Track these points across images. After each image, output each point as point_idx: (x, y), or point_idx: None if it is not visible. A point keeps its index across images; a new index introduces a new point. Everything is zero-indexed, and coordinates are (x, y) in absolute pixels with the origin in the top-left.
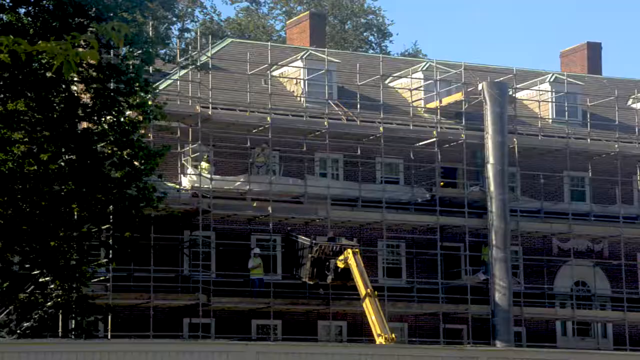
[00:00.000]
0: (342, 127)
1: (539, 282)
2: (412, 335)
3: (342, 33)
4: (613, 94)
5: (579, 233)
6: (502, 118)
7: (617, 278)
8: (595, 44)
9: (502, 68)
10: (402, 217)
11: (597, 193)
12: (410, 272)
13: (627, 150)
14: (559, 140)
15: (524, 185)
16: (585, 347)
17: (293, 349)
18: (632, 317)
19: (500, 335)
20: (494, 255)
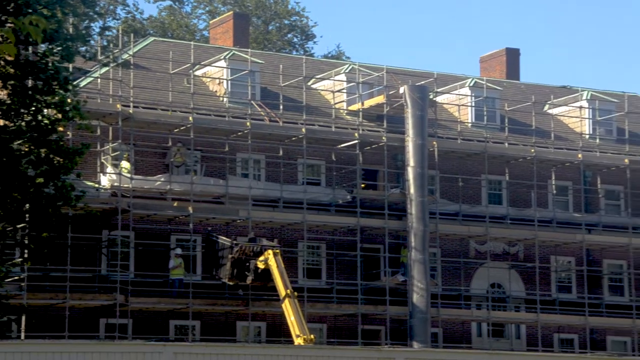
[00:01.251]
0: (264, 128)
1: (456, 284)
2: (330, 336)
3: (265, 34)
4: (530, 100)
5: (495, 236)
6: (423, 121)
7: (531, 280)
8: (514, 50)
9: (423, 72)
10: (322, 218)
11: (514, 196)
12: (330, 273)
13: (542, 155)
14: (478, 144)
15: (443, 188)
16: (500, 347)
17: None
18: (545, 318)
19: (417, 336)
20: (412, 257)
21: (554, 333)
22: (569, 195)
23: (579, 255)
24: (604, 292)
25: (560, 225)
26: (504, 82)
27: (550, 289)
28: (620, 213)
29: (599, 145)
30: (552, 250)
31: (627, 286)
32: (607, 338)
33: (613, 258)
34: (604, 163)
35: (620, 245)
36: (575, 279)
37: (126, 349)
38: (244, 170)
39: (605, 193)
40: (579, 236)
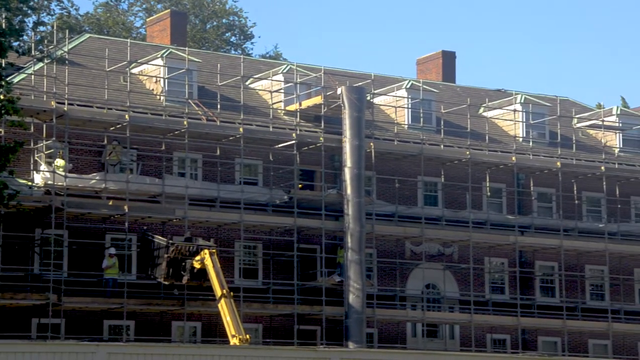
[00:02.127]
0: (201, 127)
1: (392, 285)
2: (266, 336)
3: (203, 33)
4: (465, 102)
5: (430, 237)
6: (360, 122)
7: (466, 281)
8: (450, 53)
9: (361, 73)
10: (260, 218)
11: (449, 198)
12: (267, 273)
13: (477, 157)
14: (414, 146)
15: (380, 189)
16: (434, 348)
17: (145, 349)
18: (478, 319)
19: (352, 336)
20: (349, 258)
21: (486, 333)
22: (502, 197)
23: (512, 257)
24: (536, 293)
25: (494, 227)
26: (440, 84)
27: (483, 290)
28: (552, 215)
29: (532, 149)
30: (485, 251)
31: (558, 287)
32: (539, 338)
33: (545, 260)
34: (537, 166)
35: (551, 247)
36: (508, 280)
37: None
38: (181, 170)
39: (537, 195)
40: (512, 238)
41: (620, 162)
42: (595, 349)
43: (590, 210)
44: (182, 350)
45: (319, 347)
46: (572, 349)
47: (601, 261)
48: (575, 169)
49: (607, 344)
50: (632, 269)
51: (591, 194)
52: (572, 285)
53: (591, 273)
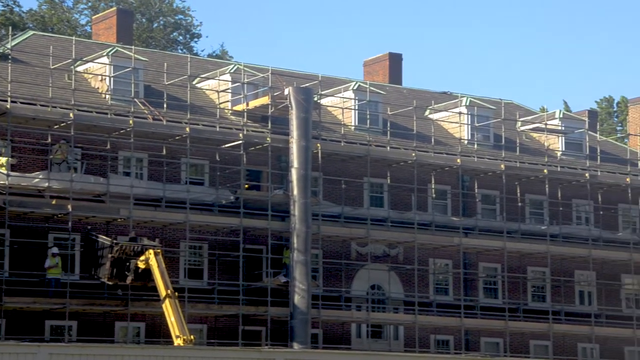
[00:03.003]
0: (147, 126)
1: (337, 285)
2: (211, 336)
3: (149, 32)
4: (412, 104)
5: (376, 238)
6: (307, 123)
7: (410, 282)
8: (397, 55)
9: (308, 74)
10: (205, 218)
11: (395, 199)
12: (212, 274)
13: (423, 159)
14: (360, 147)
15: (326, 190)
16: (378, 348)
17: (88, 350)
18: (422, 320)
19: (297, 337)
20: (294, 258)
21: (430, 334)
22: (447, 199)
23: (456, 258)
24: (479, 294)
25: (439, 229)
26: (386, 86)
27: (428, 291)
28: (496, 217)
29: (477, 151)
30: (430, 252)
31: (501, 289)
32: (481, 339)
33: (488, 261)
34: (481, 168)
35: (495, 248)
36: (452, 281)
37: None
38: (126, 169)
39: (481, 197)
40: (456, 239)
41: (562, 165)
42: (536, 349)
43: (533, 212)
44: (125, 351)
45: (264, 348)
46: (513, 350)
47: (543, 263)
48: (518, 171)
49: (547, 345)
50: (573, 270)
51: (534, 196)
52: (515, 287)
53: (533, 275)
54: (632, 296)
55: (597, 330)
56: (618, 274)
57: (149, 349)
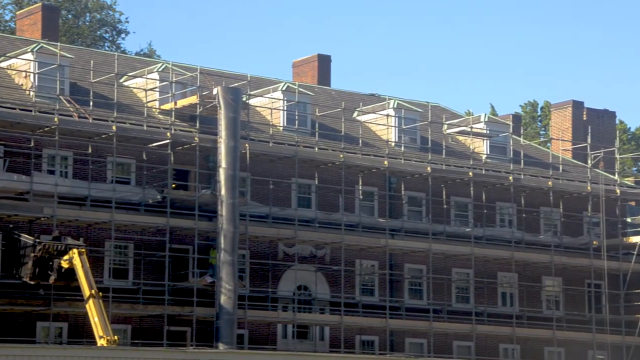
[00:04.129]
0: (73, 124)
1: (264, 286)
2: (135, 337)
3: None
4: (340, 106)
5: (303, 239)
6: (235, 123)
7: (337, 283)
8: (325, 57)
9: (237, 74)
10: (131, 217)
11: (322, 200)
12: (137, 274)
13: (351, 160)
14: (289, 148)
15: (254, 190)
16: (304, 349)
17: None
18: (348, 320)
19: (223, 337)
20: (221, 259)
21: (356, 335)
22: (374, 200)
23: (383, 259)
24: (404, 295)
25: (366, 230)
26: (315, 87)
27: (354, 292)
28: (422, 219)
29: (404, 153)
30: (357, 253)
31: (426, 290)
32: (406, 340)
33: (414, 262)
34: (408, 170)
35: (420, 250)
36: (378, 282)
37: None
38: (51, 167)
39: (408, 199)
40: (382, 241)
41: (486, 169)
42: (459, 350)
43: (458, 214)
44: (46, 352)
45: (189, 349)
46: (437, 350)
47: (467, 264)
48: (444, 174)
49: (470, 346)
50: (496, 272)
51: (459, 198)
52: (439, 288)
53: (457, 276)
54: (552, 298)
55: (519, 331)
56: (539, 275)
57: (71, 349)
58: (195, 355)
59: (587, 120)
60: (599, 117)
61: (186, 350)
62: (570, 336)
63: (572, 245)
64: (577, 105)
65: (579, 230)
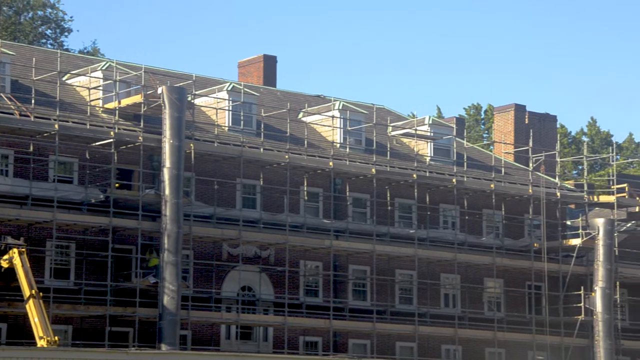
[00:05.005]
0: (14, 122)
1: (208, 287)
2: (76, 337)
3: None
4: (286, 107)
5: (248, 239)
6: (180, 123)
7: (281, 284)
8: (271, 57)
9: (182, 74)
10: (73, 217)
11: (267, 201)
12: (79, 274)
13: (296, 161)
14: (234, 148)
15: (199, 191)
16: (247, 350)
17: None
18: (292, 321)
19: (166, 338)
20: (165, 259)
21: (299, 335)
22: (319, 201)
23: (327, 260)
24: (348, 296)
25: (310, 231)
26: (261, 88)
27: (298, 293)
28: (366, 220)
29: (349, 155)
30: (301, 254)
31: (370, 291)
32: (349, 341)
33: (358, 264)
34: (353, 172)
35: (364, 251)
36: (322, 283)
37: None
38: None
39: (352, 201)
40: (327, 242)
41: (430, 171)
42: (402, 351)
43: (402, 216)
44: None
45: (131, 350)
46: (380, 351)
47: (410, 266)
48: (388, 175)
49: (413, 346)
50: (439, 274)
51: (403, 200)
52: (383, 289)
53: (401, 277)
54: (494, 299)
55: (460, 332)
56: (481, 277)
57: (10, 350)
58: (137, 356)
59: (529, 124)
60: (540, 121)
61: (128, 351)
62: (511, 337)
63: (513, 248)
64: (519, 109)
65: (520, 233)
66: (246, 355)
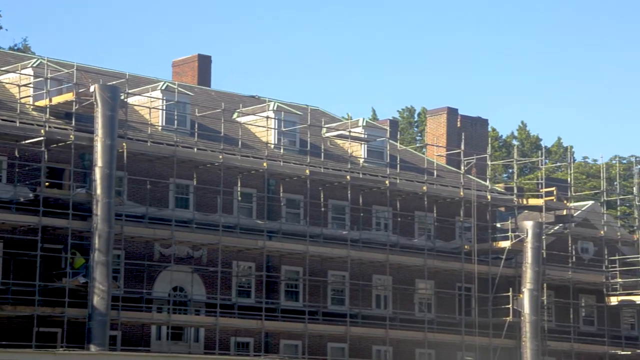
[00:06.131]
0: None
1: (139, 287)
2: (3, 338)
3: None
4: (220, 107)
5: (180, 239)
6: (113, 122)
7: (213, 284)
8: (206, 57)
9: (115, 72)
10: (2, 216)
11: (200, 201)
12: (6, 274)
13: (230, 161)
14: (167, 148)
15: (131, 190)
16: (178, 350)
17: None
18: (224, 322)
19: (95, 339)
20: (95, 259)
21: (231, 336)
22: (253, 202)
23: (260, 261)
24: (281, 297)
25: (244, 231)
26: (195, 87)
27: (230, 293)
28: (300, 221)
29: (283, 155)
30: (234, 255)
31: (302, 292)
32: (281, 341)
33: (291, 264)
34: (287, 172)
35: (297, 252)
36: (254, 284)
37: None
38: None
39: (286, 202)
40: (260, 242)
41: (364, 172)
42: (333, 352)
43: (335, 217)
44: None
45: (59, 350)
46: (311, 352)
47: (343, 267)
48: (322, 177)
49: (344, 347)
50: (371, 275)
51: (336, 201)
52: (315, 290)
53: (333, 278)
54: (425, 300)
55: (391, 333)
56: (412, 279)
57: None
58: (65, 357)
59: (461, 127)
60: (472, 124)
61: (56, 352)
62: (441, 338)
63: (444, 249)
64: (451, 112)
65: (451, 235)
66: (176, 356)
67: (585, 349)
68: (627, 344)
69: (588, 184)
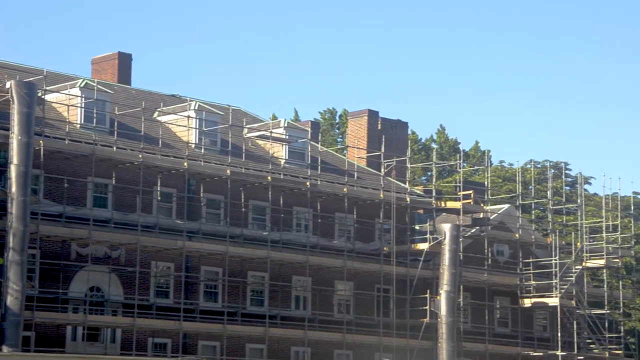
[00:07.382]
0: None
1: (55, 287)
2: None
3: None
4: (140, 105)
5: (98, 239)
6: (29, 119)
7: (131, 285)
8: (126, 55)
9: (33, 68)
10: None
11: (119, 200)
12: None
13: (150, 161)
14: (86, 146)
15: (47, 189)
16: (94, 351)
17: None
18: (141, 322)
19: (8, 340)
20: (9, 258)
21: (148, 337)
22: (173, 202)
23: (179, 261)
24: (200, 298)
25: (163, 231)
26: (115, 85)
27: (148, 294)
28: (220, 222)
29: (204, 155)
30: (153, 255)
31: (221, 293)
32: (199, 342)
33: (210, 265)
34: (207, 173)
35: (217, 252)
36: (173, 284)
37: None
38: None
39: (207, 202)
40: (179, 242)
41: (285, 173)
42: (252, 352)
43: (256, 218)
44: None
45: None
46: (230, 353)
47: (263, 268)
48: (243, 177)
49: (263, 348)
50: (291, 276)
51: (257, 202)
52: (235, 291)
53: (253, 279)
54: (344, 302)
55: (310, 334)
56: (332, 280)
57: None
58: None
59: (382, 130)
60: (392, 127)
61: None
62: (359, 339)
63: (364, 251)
64: (372, 114)
65: (371, 236)
66: (92, 357)
67: (499, 350)
68: (539, 345)
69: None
